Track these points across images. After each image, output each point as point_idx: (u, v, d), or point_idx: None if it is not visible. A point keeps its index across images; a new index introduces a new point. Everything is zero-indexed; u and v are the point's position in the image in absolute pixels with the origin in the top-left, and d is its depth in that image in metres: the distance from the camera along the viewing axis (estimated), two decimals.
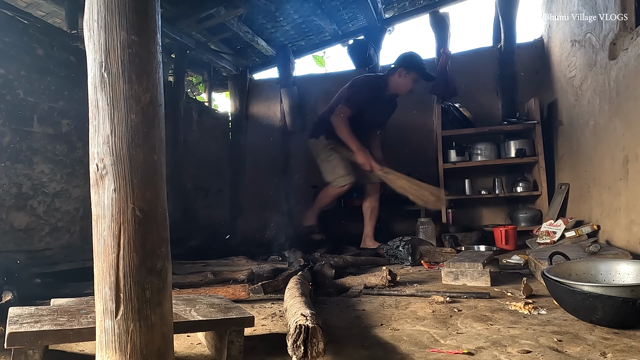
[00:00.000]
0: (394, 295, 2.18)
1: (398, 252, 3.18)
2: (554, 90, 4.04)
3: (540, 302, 1.89)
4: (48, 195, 2.81)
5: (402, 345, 1.44)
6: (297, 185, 5.14)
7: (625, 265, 1.84)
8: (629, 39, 2.47)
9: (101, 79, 0.95)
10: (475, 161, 4.31)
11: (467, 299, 2.02)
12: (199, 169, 4.79)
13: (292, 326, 1.20)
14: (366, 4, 4.47)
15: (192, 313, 1.37)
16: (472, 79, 4.69)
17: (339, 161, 3.94)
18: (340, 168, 3.92)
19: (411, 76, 3.91)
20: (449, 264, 2.46)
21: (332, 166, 3.96)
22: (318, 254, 3.25)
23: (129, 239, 0.93)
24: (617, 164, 2.65)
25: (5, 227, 2.54)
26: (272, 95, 5.49)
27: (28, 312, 1.32)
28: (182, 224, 4.17)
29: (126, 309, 0.92)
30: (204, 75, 5.64)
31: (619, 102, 2.62)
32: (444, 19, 4.80)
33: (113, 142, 0.94)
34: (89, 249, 1.01)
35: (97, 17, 0.96)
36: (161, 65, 1.03)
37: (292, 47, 5.31)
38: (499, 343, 1.41)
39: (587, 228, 2.94)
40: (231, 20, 4.28)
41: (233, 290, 2.10)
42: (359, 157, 3.77)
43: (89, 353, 1.47)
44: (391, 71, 3.97)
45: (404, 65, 3.91)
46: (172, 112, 4.31)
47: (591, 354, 1.29)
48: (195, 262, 3.11)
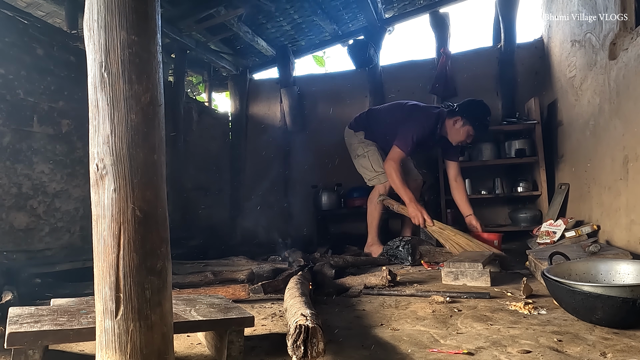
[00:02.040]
0: (394, 295, 2.18)
1: (398, 252, 3.18)
2: (554, 90, 4.04)
3: (540, 302, 1.89)
4: (48, 195, 2.81)
5: (402, 345, 1.44)
6: (298, 185, 5.15)
7: (625, 265, 1.83)
8: (629, 39, 2.46)
9: (101, 79, 0.95)
10: (475, 161, 4.32)
11: (467, 299, 2.02)
12: (199, 169, 4.79)
13: (292, 326, 1.20)
14: (366, 4, 4.47)
15: (192, 313, 1.37)
16: (472, 79, 4.69)
17: (378, 156, 3.68)
18: (379, 164, 3.63)
19: (466, 129, 3.46)
20: (449, 264, 2.46)
21: (370, 161, 3.68)
22: (318, 254, 3.25)
23: (129, 239, 0.93)
24: (617, 164, 2.65)
25: (5, 227, 2.54)
26: (272, 95, 5.49)
27: (28, 312, 1.31)
28: (182, 224, 4.17)
29: (126, 309, 0.92)
30: (204, 75, 5.64)
31: (619, 102, 2.61)
32: (444, 19, 4.81)
33: (113, 142, 0.94)
34: (89, 249, 1.01)
35: (97, 17, 0.96)
36: (161, 65, 1.03)
37: (292, 47, 5.31)
38: (499, 343, 1.41)
39: (587, 228, 2.94)
40: (231, 20, 4.28)
41: (233, 290, 2.10)
42: (411, 209, 3.36)
43: (89, 353, 1.47)
44: (450, 113, 3.52)
45: (464, 113, 3.45)
46: (172, 112, 4.31)
47: (591, 354, 1.29)
48: (195, 262, 3.11)
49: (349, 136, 3.87)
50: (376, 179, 3.68)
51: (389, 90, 5.02)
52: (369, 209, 3.73)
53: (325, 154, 4.99)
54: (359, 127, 3.81)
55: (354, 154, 3.84)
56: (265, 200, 5.15)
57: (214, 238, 4.48)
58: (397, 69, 5.08)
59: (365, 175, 3.77)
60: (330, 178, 4.86)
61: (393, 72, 5.07)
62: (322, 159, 5.00)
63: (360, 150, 3.76)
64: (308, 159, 5.06)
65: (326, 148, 4.95)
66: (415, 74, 4.92)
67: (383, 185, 3.64)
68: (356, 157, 3.81)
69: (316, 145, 5.06)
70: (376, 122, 3.76)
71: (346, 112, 5.11)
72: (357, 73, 5.14)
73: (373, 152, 3.71)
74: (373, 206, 3.69)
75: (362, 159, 3.75)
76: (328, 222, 4.99)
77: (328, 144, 4.92)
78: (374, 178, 3.69)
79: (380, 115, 3.79)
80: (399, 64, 5.12)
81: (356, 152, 3.80)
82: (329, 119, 5.09)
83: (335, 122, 5.07)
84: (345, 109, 5.09)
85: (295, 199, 5.16)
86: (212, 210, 4.95)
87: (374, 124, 3.76)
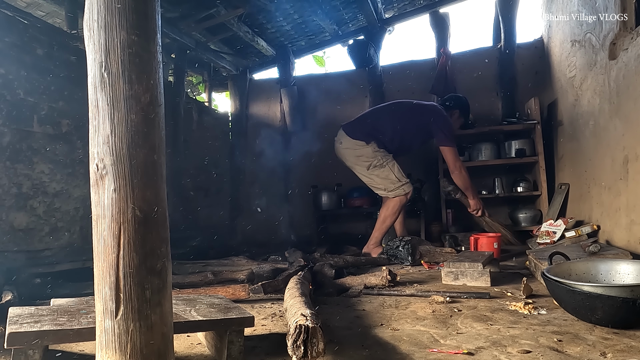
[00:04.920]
0: (394, 295, 2.18)
1: (398, 252, 3.18)
2: (554, 90, 4.04)
3: (540, 302, 1.89)
4: (48, 195, 2.81)
5: (402, 345, 1.44)
6: (297, 185, 5.15)
7: (625, 265, 1.83)
8: (629, 39, 2.46)
9: (101, 79, 0.95)
10: (475, 161, 4.31)
11: (467, 299, 2.02)
12: (199, 169, 4.79)
13: (292, 326, 1.20)
14: (366, 4, 4.47)
15: (192, 313, 1.37)
16: (472, 79, 4.69)
17: (396, 166, 3.60)
18: (400, 172, 3.58)
19: (460, 120, 3.88)
20: (449, 264, 2.46)
21: (392, 171, 3.57)
22: (318, 254, 3.25)
23: (129, 239, 0.93)
24: (617, 164, 2.65)
25: (5, 227, 2.54)
26: (272, 95, 5.49)
27: (28, 312, 1.31)
28: (182, 224, 4.17)
29: (126, 309, 0.92)
30: (204, 75, 5.64)
31: (619, 102, 2.61)
32: (444, 19, 4.81)
33: (113, 142, 0.94)
34: (89, 249, 1.01)
35: (97, 17, 0.96)
36: (161, 65, 1.03)
37: (292, 47, 5.31)
38: (499, 343, 1.41)
39: (587, 228, 2.94)
40: (231, 20, 4.28)
41: (233, 290, 2.10)
42: (476, 201, 3.66)
43: (89, 353, 1.47)
44: (448, 107, 3.79)
45: (459, 108, 3.84)
46: (172, 112, 4.31)
47: (591, 354, 1.29)
48: (195, 262, 3.11)
49: (358, 147, 3.63)
50: (400, 188, 3.55)
51: (389, 90, 5.02)
52: (385, 214, 3.61)
53: (325, 154, 4.98)
54: (368, 137, 3.60)
55: (366, 165, 3.62)
56: (265, 200, 5.15)
57: (214, 238, 4.48)
58: (397, 69, 5.07)
59: (386, 185, 3.59)
60: (330, 178, 4.85)
61: (393, 72, 5.07)
62: (322, 159, 4.99)
63: (378, 160, 3.58)
64: (308, 159, 5.06)
65: (326, 148, 4.94)
66: (415, 74, 4.92)
67: (406, 195, 3.57)
68: (371, 167, 3.60)
69: (316, 145, 5.06)
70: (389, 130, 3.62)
71: (346, 112, 5.11)
72: (357, 73, 5.14)
73: (393, 162, 3.61)
74: (391, 211, 3.59)
75: (380, 170, 3.59)
76: (328, 222, 4.99)
77: (328, 144, 4.90)
78: (398, 188, 3.55)
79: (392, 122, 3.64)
80: (399, 64, 5.12)
81: (372, 163, 3.59)
82: (329, 119, 5.09)
83: (335, 122, 5.06)
84: (345, 109, 5.09)
85: (295, 199, 5.16)
86: (212, 210, 4.95)
87: (386, 132, 3.62)
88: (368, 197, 4.58)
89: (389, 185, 3.58)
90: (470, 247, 3.17)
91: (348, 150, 3.70)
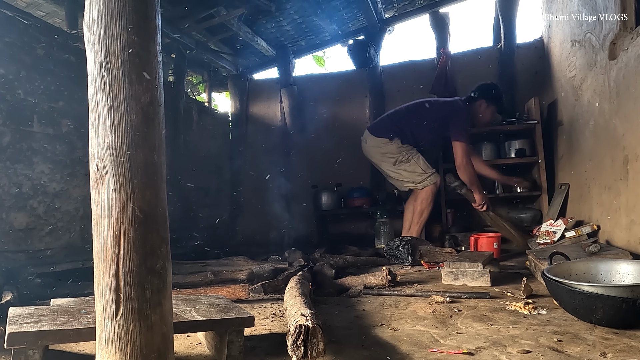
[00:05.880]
0: (394, 295, 2.18)
1: (398, 252, 3.18)
2: (554, 90, 4.04)
3: (540, 302, 1.89)
4: (48, 195, 2.81)
5: (402, 345, 1.44)
6: (298, 185, 5.14)
7: (625, 265, 1.83)
8: (629, 39, 2.46)
9: (101, 79, 0.95)
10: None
11: (467, 299, 2.02)
12: (199, 169, 4.79)
13: (292, 326, 1.20)
14: (366, 4, 4.47)
15: (192, 313, 1.37)
16: (472, 79, 4.68)
17: (421, 158, 3.73)
18: (426, 164, 3.72)
19: (491, 108, 3.85)
20: (449, 264, 2.46)
21: (418, 164, 3.71)
22: (318, 254, 3.25)
23: (129, 239, 0.93)
24: (617, 164, 2.65)
25: (5, 227, 2.54)
26: (272, 95, 5.49)
27: (28, 312, 1.32)
28: (182, 224, 4.17)
29: (126, 309, 0.92)
30: (204, 75, 5.64)
31: (619, 102, 2.61)
32: (444, 19, 4.81)
33: (113, 142, 0.94)
34: (89, 249, 1.01)
35: (97, 17, 0.96)
36: (161, 65, 1.03)
37: (292, 47, 5.31)
38: (499, 343, 1.41)
39: (587, 228, 2.94)
40: (231, 20, 4.28)
41: (233, 290, 2.10)
42: (481, 197, 3.67)
43: (89, 353, 1.47)
44: (472, 99, 3.82)
45: (486, 96, 3.80)
46: (172, 112, 4.31)
47: (591, 354, 1.29)
48: (195, 262, 3.11)
49: (383, 144, 3.77)
50: (428, 179, 3.70)
51: (389, 90, 5.02)
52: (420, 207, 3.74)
53: (325, 154, 4.99)
54: (391, 134, 3.74)
55: (392, 161, 3.75)
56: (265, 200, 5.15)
57: (214, 238, 4.48)
58: (397, 69, 5.07)
59: (414, 178, 3.72)
60: (330, 178, 4.85)
61: (393, 72, 5.07)
62: (322, 159, 5.00)
63: (403, 155, 3.72)
64: (308, 159, 5.06)
65: (326, 148, 4.95)
66: (415, 74, 4.92)
67: (435, 184, 3.71)
68: (397, 163, 3.73)
69: (316, 145, 5.06)
70: (410, 126, 3.74)
71: (346, 112, 5.11)
72: (357, 73, 5.13)
73: (418, 155, 3.73)
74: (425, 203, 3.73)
75: (407, 164, 3.72)
76: (328, 222, 4.99)
77: (328, 143, 4.92)
78: (425, 179, 3.70)
79: (411, 119, 3.77)
80: (399, 64, 5.12)
81: (397, 159, 3.73)
82: (329, 119, 5.09)
83: (335, 122, 5.08)
84: (345, 109, 5.09)
85: (295, 199, 5.15)
86: (212, 210, 4.95)
87: (406, 129, 3.74)
88: (368, 197, 4.59)
89: (416, 178, 3.72)
90: (470, 247, 3.18)
91: (374, 148, 3.85)
